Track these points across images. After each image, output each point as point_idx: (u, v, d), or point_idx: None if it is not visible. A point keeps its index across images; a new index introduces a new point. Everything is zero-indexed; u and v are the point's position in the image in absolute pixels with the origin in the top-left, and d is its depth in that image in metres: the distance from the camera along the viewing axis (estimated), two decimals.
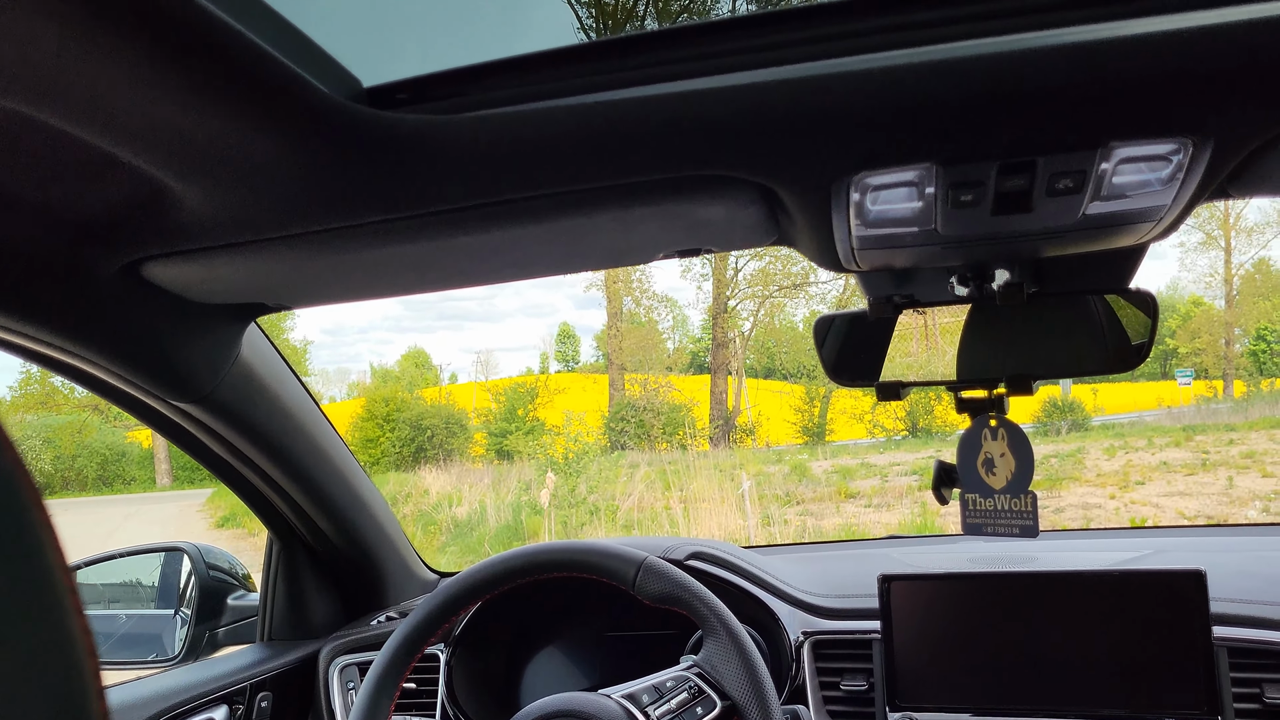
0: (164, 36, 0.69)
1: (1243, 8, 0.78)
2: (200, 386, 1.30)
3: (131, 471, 27.71)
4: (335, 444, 1.71)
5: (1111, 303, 1.33)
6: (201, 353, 1.27)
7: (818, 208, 0.99)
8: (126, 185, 0.92)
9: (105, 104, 0.74)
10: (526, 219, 1.02)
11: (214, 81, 0.75)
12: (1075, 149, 0.89)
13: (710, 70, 0.88)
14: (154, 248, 1.04)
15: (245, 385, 1.40)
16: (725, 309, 26.62)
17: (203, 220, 0.97)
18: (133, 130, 0.79)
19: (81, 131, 0.78)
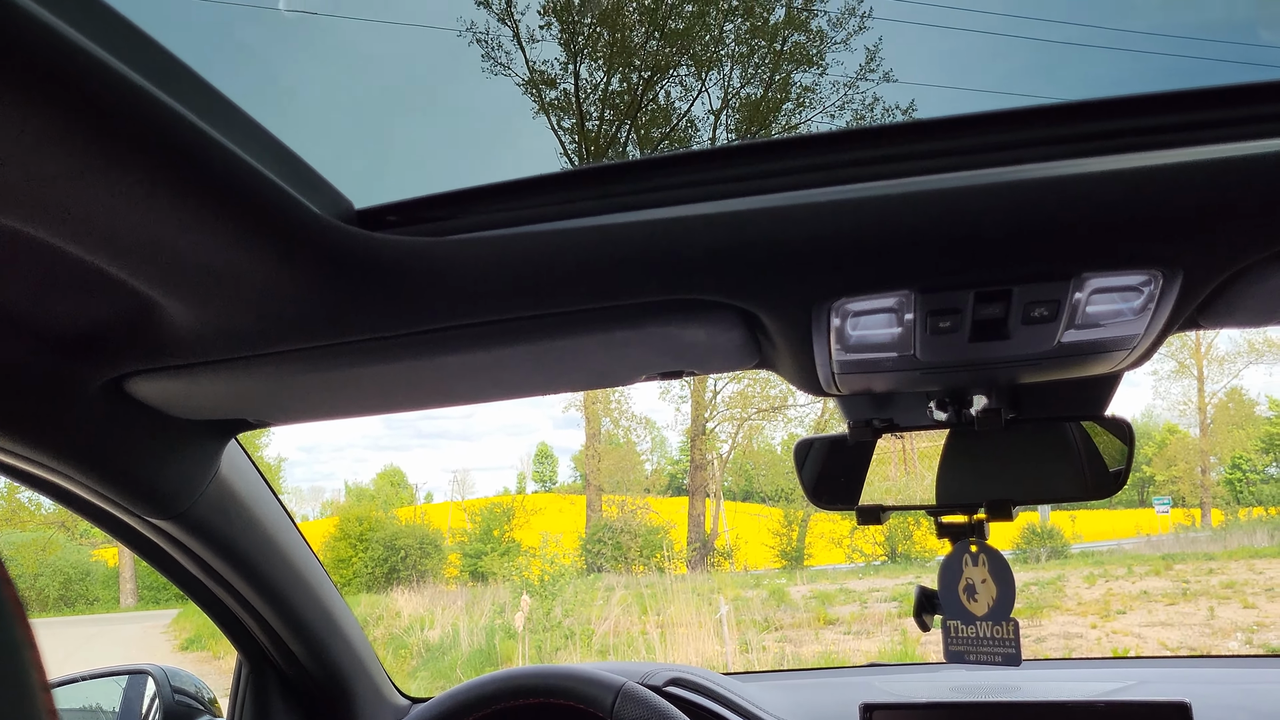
0: (160, 156, 0.70)
1: (1209, 148, 0.82)
2: (177, 503, 1.28)
3: (95, 591, 27.01)
4: (311, 564, 1.68)
5: (1088, 429, 1.35)
6: (180, 469, 1.26)
7: (799, 332, 1.01)
8: (115, 301, 0.93)
9: (99, 221, 0.75)
10: (511, 340, 1.03)
11: (208, 200, 0.76)
12: (1049, 279, 0.92)
13: (693, 198, 0.90)
14: (139, 364, 1.04)
15: (222, 502, 1.38)
16: (704, 431, 26.62)
17: (190, 336, 0.98)
18: (125, 247, 0.80)
19: (74, 248, 0.79)
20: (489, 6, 20.41)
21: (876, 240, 0.88)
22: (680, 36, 20.59)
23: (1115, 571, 18.82)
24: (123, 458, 1.18)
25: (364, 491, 42.70)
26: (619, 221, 0.90)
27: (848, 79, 20.93)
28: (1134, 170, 0.83)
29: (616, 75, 21.34)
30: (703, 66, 21.09)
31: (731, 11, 20.56)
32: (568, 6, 20.48)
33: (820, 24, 20.66)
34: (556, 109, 21.80)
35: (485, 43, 20.84)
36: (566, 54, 21.12)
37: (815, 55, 20.90)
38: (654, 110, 21.77)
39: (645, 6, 20.40)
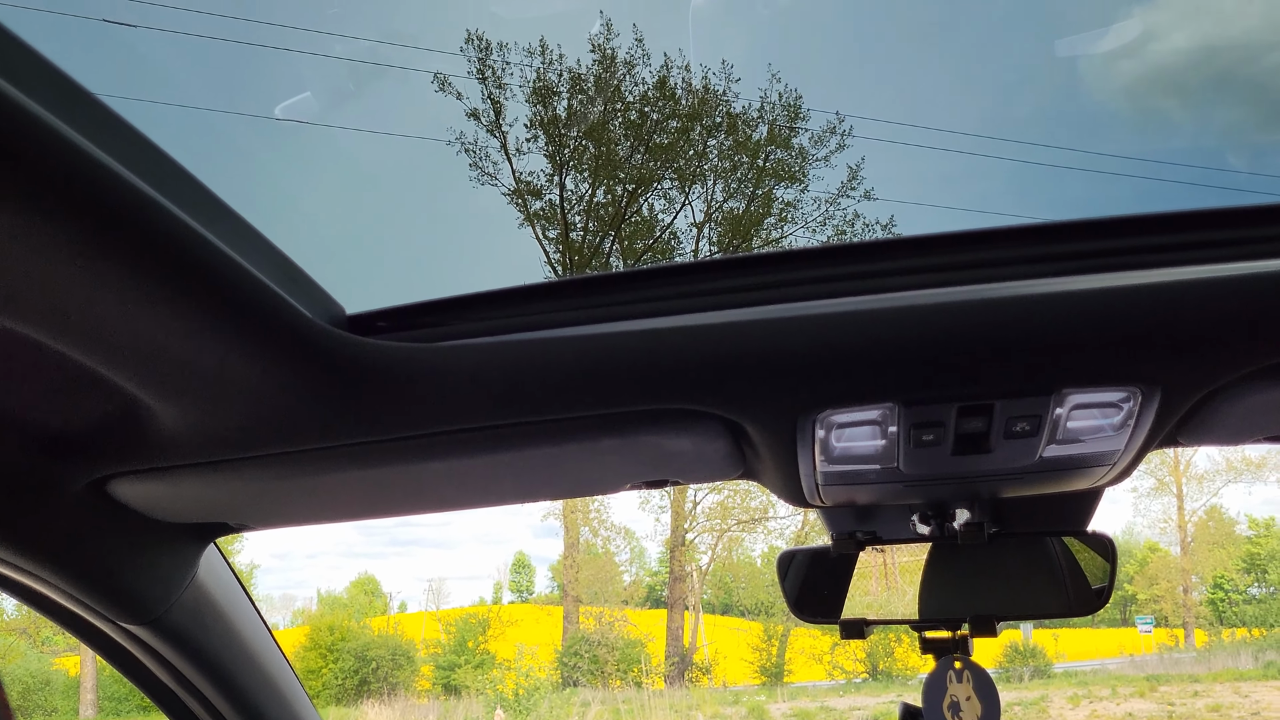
0: (161, 259, 0.71)
1: (1186, 269, 0.84)
2: (153, 608, 1.26)
3: (54, 701, 26.11)
4: (285, 675, 1.64)
5: (1071, 545, 1.35)
6: (157, 573, 1.24)
7: (784, 443, 1.02)
8: (104, 402, 0.93)
9: (97, 323, 0.76)
10: (497, 447, 1.03)
11: (204, 302, 0.77)
12: (1030, 394, 0.93)
13: (681, 309, 0.92)
14: (124, 465, 1.03)
15: (198, 608, 1.35)
16: (683, 542, 26.36)
17: (176, 438, 0.97)
18: (120, 348, 0.80)
19: (69, 349, 0.79)
20: (478, 118, 20.88)
21: (861, 354, 0.90)
22: (665, 151, 21.07)
23: (1099, 692, 18.55)
24: (100, 560, 1.16)
25: (336, 600, 41.90)
26: (606, 331, 0.92)
27: (829, 195, 21.41)
28: (1113, 289, 0.85)
29: (601, 187, 21.76)
30: (686, 180, 21.54)
31: (715, 128, 21.09)
32: (555, 120, 20.97)
33: (802, 142, 21.22)
34: (542, 219, 22.15)
35: (473, 153, 21.26)
36: (552, 166, 21.56)
37: (797, 171, 21.40)
38: (638, 222, 22.15)
39: (631, 121, 20.91)
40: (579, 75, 20.33)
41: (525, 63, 20.32)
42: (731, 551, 29.46)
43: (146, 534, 1.19)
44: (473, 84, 20.54)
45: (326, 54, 18.99)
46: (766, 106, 20.82)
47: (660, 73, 20.34)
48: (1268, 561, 35.31)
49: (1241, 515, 38.32)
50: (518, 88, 20.53)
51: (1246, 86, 19.63)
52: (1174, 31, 19.92)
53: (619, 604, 30.26)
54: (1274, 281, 0.84)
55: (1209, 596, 34.19)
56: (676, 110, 20.74)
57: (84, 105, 0.65)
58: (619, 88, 20.50)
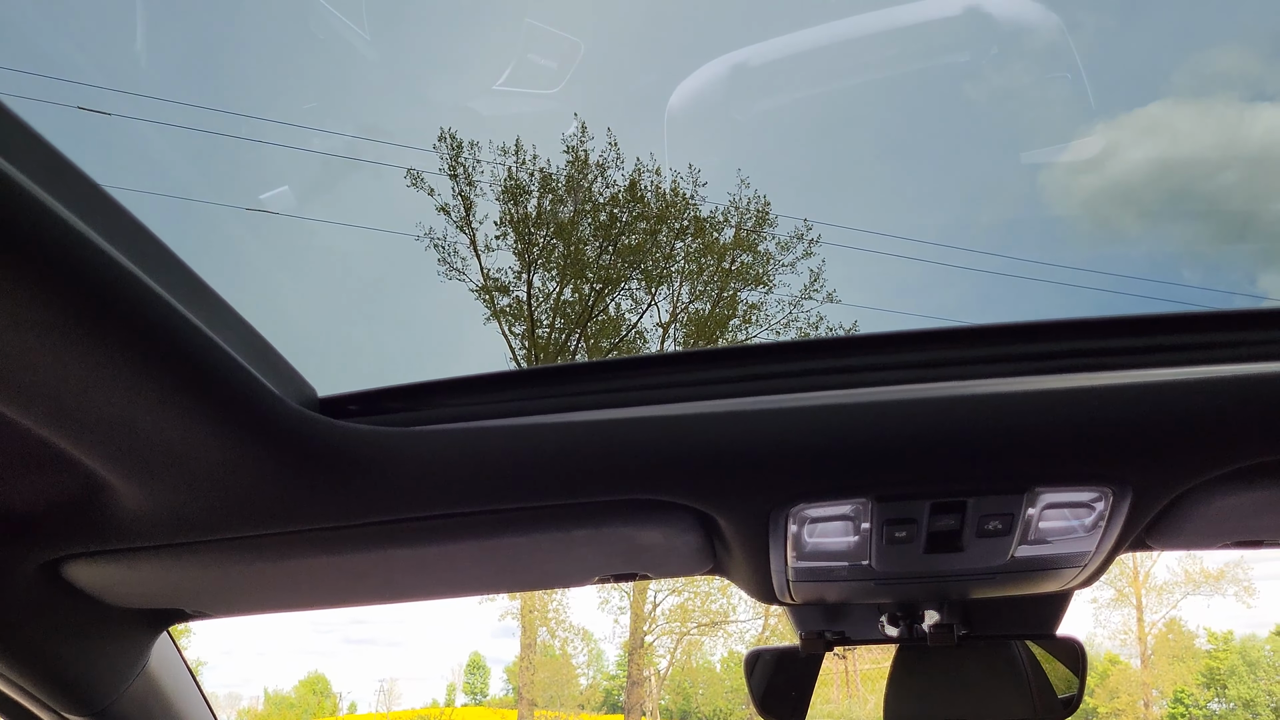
0: (134, 332, 0.71)
1: (1157, 371, 0.86)
2: (99, 699, 1.20)
3: None
4: None
5: (1039, 652, 1.34)
6: (107, 661, 1.19)
7: (755, 537, 1.01)
8: (63, 479, 0.90)
9: (62, 396, 0.74)
10: (466, 535, 1.02)
11: (175, 378, 0.76)
12: (1003, 492, 0.93)
13: (653, 399, 0.92)
14: (80, 546, 1.00)
15: (146, 700, 1.30)
16: (642, 644, 25.89)
17: (137, 519, 0.95)
18: (85, 422, 0.78)
19: (23, 419, 0.77)
20: (448, 214, 21.07)
21: (835, 447, 0.90)
22: (633, 252, 21.31)
23: None
24: (49, 646, 1.11)
25: (284, 699, 40.61)
26: (578, 420, 0.91)
27: (793, 298, 21.66)
28: (1086, 389, 0.86)
29: (569, 286, 21.91)
30: (653, 281, 21.75)
31: (683, 231, 21.39)
32: (524, 219, 21.20)
33: (768, 247, 21.56)
34: (509, 315, 22.22)
35: (442, 248, 21.38)
36: (521, 263, 21.71)
37: (763, 275, 21.69)
38: (604, 320, 22.26)
39: (600, 223, 21.18)
40: (550, 175, 20.64)
41: (497, 161, 20.62)
42: (690, 656, 28.97)
43: (100, 620, 1.15)
44: (444, 181, 20.79)
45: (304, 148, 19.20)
46: (734, 210, 21.20)
47: (632, 175, 20.70)
48: (1227, 676, 35.24)
49: (1200, 629, 38.31)
50: (488, 185, 20.79)
51: (1200, 203, 20.29)
52: (1131, 148, 20.62)
53: (575, 708, 29.57)
54: (1242, 385, 0.85)
55: (1170, 711, 33.96)
56: (645, 212, 21.05)
57: (59, 169, 0.65)
58: (590, 189, 20.82)
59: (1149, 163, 20.54)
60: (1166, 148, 20.50)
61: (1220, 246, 21.66)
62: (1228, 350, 0.88)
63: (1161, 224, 21.95)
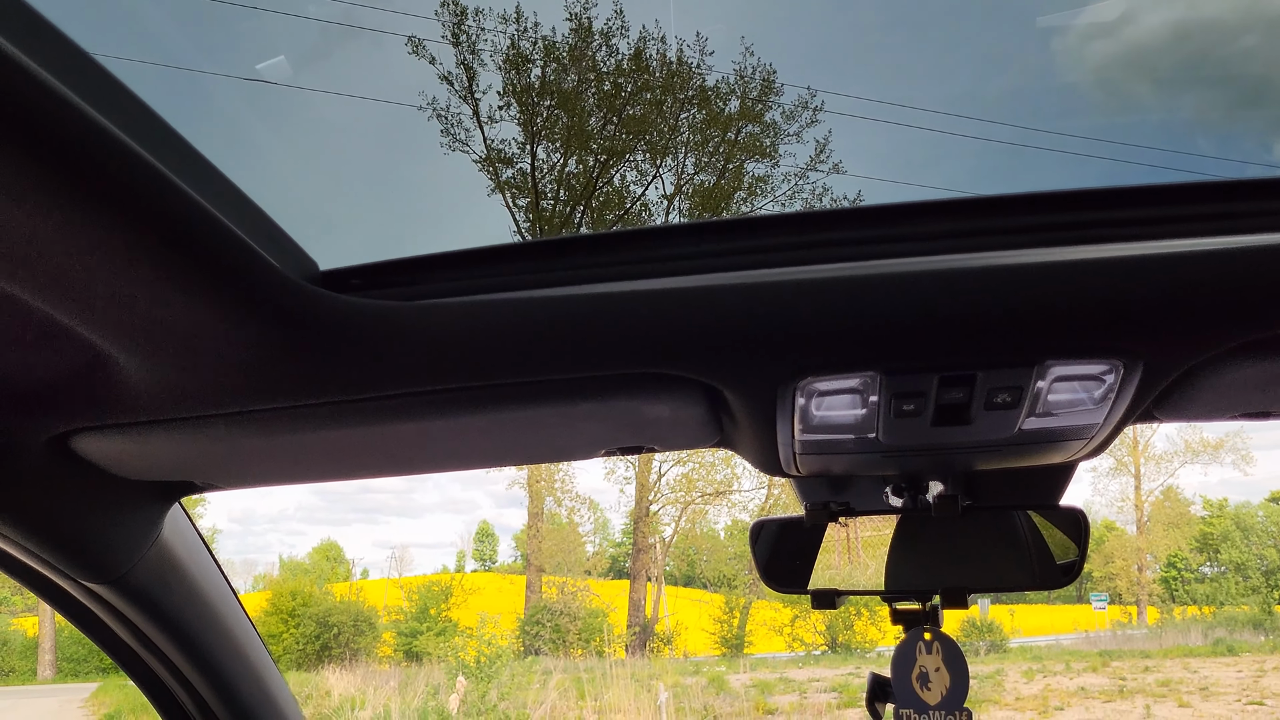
0: (129, 205, 0.69)
1: (1171, 242, 0.84)
2: (115, 568, 1.23)
3: (12, 662, 25.90)
4: (250, 638, 1.62)
5: (1038, 521, 1.35)
6: (121, 532, 1.21)
7: (762, 411, 1.01)
8: (68, 354, 0.90)
9: (60, 271, 0.73)
10: (470, 409, 1.01)
11: (174, 251, 0.75)
12: (1013, 365, 0.92)
13: (662, 272, 0.91)
14: (87, 420, 1.00)
15: (162, 568, 1.32)
16: (647, 514, 26.48)
17: (142, 393, 0.95)
18: (84, 297, 0.77)
19: (31, 297, 0.77)
20: (451, 83, 20.68)
21: (843, 321, 0.89)
22: (637, 123, 20.99)
23: (1054, 667, 18.88)
24: (62, 518, 1.13)
25: (299, 566, 41.82)
26: (585, 293, 0.90)
27: (798, 169, 21.41)
28: (1098, 261, 0.84)
29: (573, 158, 21.65)
30: (658, 153, 21.49)
31: (688, 101, 21.02)
32: (528, 89, 20.81)
33: (774, 116, 21.19)
34: (512, 187, 22.02)
35: (445, 119, 21.07)
36: (525, 134, 21.42)
37: (768, 147, 21.39)
38: (609, 193, 22.08)
39: (604, 93, 20.79)
40: (553, 44, 20.15)
41: (500, 29, 20.13)
42: (695, 524, 29.66)
43: (110, 492, 1.16)
44: (446, 49, 20.33)
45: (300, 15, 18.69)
46: (739, 80, 20.77)
47: (636, 44, 20.21)
48: (1220, 542, 36.09)
49: (1197, 496, 39.01)
50: (489, 56, 20.34)
51: (1217, 69, 19.77)
52: (1149, 13, 19.99)
53: (582, 574, 30.39)
54: (1256, 256, 0.83)
55: (1162, 575, 34.91)
56: (650, 83, 20.64)
57: (54, 42, 0.62)
58: (594, 58, 20.36)
59: (1166, 26, 19.95)
60: (1186, 11, 19.89)
61: (1236, 114, 21.21)
62: (1241, 221, 0.86)
63: (1176, 91, 21.45)
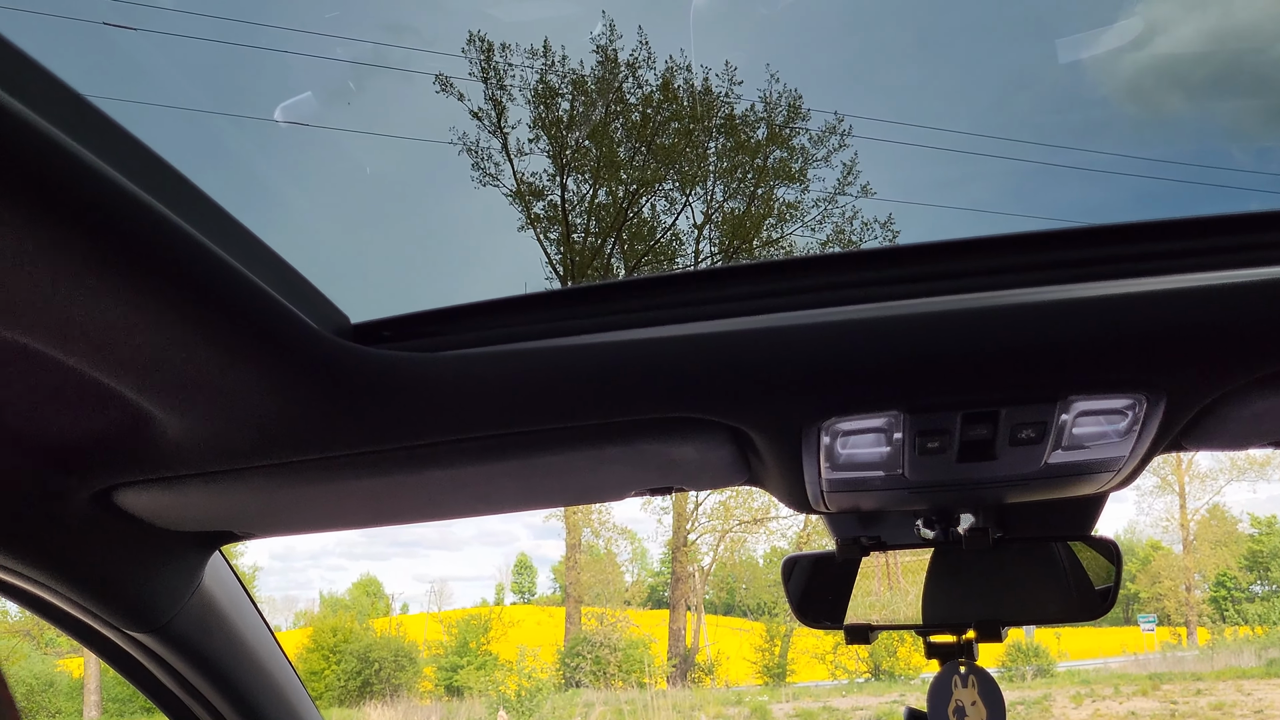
0: (165, 270, 0.71)
1: (1190, 276, 0.84)
2: (158, 616, 1.26)
3: (58, 703, 26.09)
4: (290, 681, 1.64)
5: (1075, 550, 1.35)
6: (163, 581, 1.24)
7: (789, 451, 1.02)
8: (109, 413, 0.93)
9: (100, 334, 0.76)
10: (501, 456, 1.03)
11: (208, 313, 0.77)
12: (1035, 401, 0.93)
13: (685, 318, 0.92)
14: (128, 475, 1.03)
15: (203, 615, 1.35)
16: (685, 543, 26.35)
17: (181, 448, 0.97)
18: (124, 359, 0.80)
19: (73, 360, 0.79)
20: (480, 119, 20.87)
21: (866, 362, 0.90)
22: (666, 153, 21.07)
23: (1102, 691, 18.54)
24: (106, 569, 1.16)
25: (339, 602, 41.91)
26: (610, 340, 0.92)
27: (827, 193, 21.38)
28: (1117, 296, 0.85)
29: (603, 188, 21.75)
30: (687, 182, 21.54)
31: (717, 130, 21.09)
32: (557, 121, 20.97)
33: (802, 141, 21.20)
34: (543, 221, 22.14)
35: (475, 153, 21.25)
36: (555, 166, 21.55)
37: (797, 172, 21.39)
38: (639, 223, 22.14)
39: (633, 123, 20.91)
40: (582, 77, 20.32)
41: (528, 64, 20.33)
42: (734, 552, 29.45)
43: (152, 543, 1.19)
44: (475, 85, 20.54)
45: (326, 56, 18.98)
46: (767, 106, 20.82)
47: (664, 74, 20.33)
48: (1270, 559, 35.34)
49: (1244, 513, 38.28)
50: (518, 90, 20.53)
51: (1252, 79, 19.51)
52: (1180, 24, 19.79)
53: (621, 605, 30.28)
54: (1278, 289, 0.84)
55: (1211, 594, 34.19)
56: (678, 112, 20.74)
57: (86, 116, 0.65)
58: (621, 89, 20.51)
59: (1199, 36, 19.70)
60: (1219, 19, 19.67)
61: (1272, 123, 20.92)
62: (1262, 252, 0.87)
63: (1210, 102, 21.19)
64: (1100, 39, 17.30)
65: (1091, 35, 18.21)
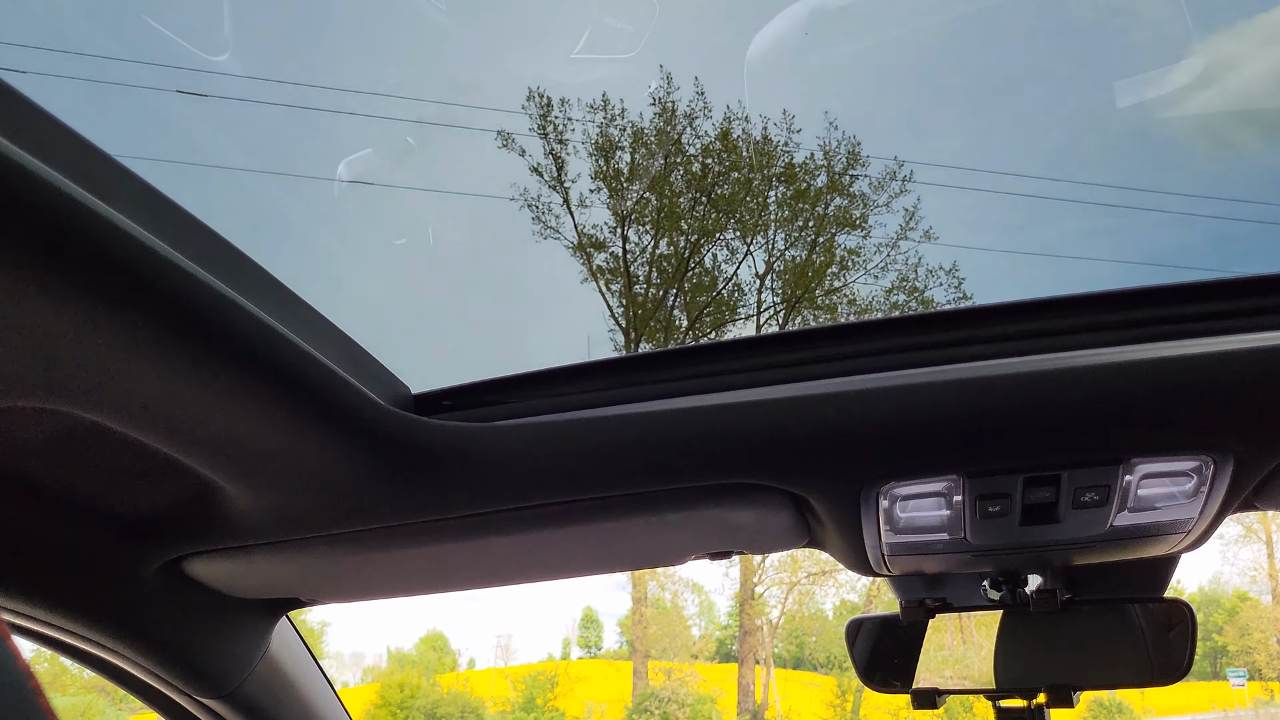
0: (233, 352, 0.74)
1: (1255, 335, 0.83)
2: (228, 682, 1.28)
3: None
4: None
5: (1149, 610, 1.31)
6: (231, 647, 1.26)
7: (847, 515, 1.01)
8: (179, 486, 0.95)
9: (172, 414, 0.79)
10: (561, 523, 1.04)
11: (274, 390, 0.79)
12: (1098, 464, 0.92)
13: (741, 384, 0.92)
14: (198, 545, 1.06)
15: (270, 681, 1.37)
16: (753, 596, 26.02)
17: (249, 518, 1.00)
18: (194, 436, 0.83)
19: (140, 435, 0.82)
20: (540, 174, 21.15)
21: (924, 426, 0.89)
22: (726, 202, 21.13)
23: None
24: (176, 637, 1.18)
25: (406, 657, 41.98)
26: (668, 408, 0.92)
27: (890, 240, 21.23)
28: (1180, 358, 0.84)
29: (664, 239, 21.85)
30: (748, 231, 21.54)
31: (776, 178, 21.12)
32: (617, 174, 21.18)
33: (861, 188, 21.12)
34: (605, 273, 22.28)
35: (535, 207, 21.50)
36: (615, 219, 21.72)
37: (858, 218, 21.29)
38: (700, 273, 22.18)
39: (693, 174, 21.03)
40: (640, 130, 20.53)
41: (587, 118, 20.60)
42: (802, 605, 29.02)
43: (221, 610, 1.21)
44: (532, 142, 20.85)
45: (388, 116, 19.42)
46: (826, 154, 20.81)
47: (722, 125, 20.46)
48: None
49: None
50: (580, 143, 20.80)
51: None
52: (1247, 61, 19.42)
53: (688, 658, 29.91)
54: None
55: None
56: (737, 161, 20.82)
57: (152, 201, 0.68)
58: (679, 140, 20.67)
59: (1272, 72, 19.30)
60: None
61: None
62: None
63: None
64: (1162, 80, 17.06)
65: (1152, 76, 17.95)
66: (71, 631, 1.11)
